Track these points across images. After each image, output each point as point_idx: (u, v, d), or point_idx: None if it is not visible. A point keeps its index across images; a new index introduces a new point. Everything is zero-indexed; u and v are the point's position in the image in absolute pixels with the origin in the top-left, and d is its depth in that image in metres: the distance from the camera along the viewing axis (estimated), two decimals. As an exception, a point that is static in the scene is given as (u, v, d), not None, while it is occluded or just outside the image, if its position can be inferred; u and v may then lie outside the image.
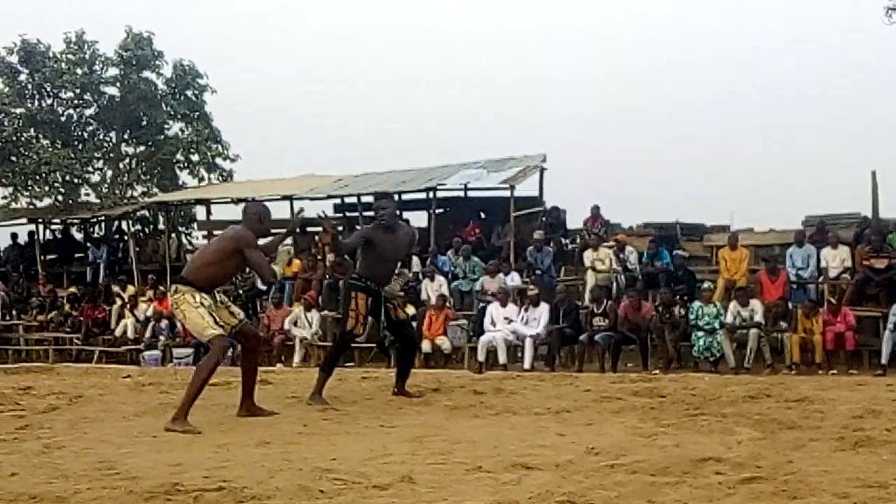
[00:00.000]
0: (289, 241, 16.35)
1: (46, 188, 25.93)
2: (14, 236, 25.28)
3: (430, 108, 43.76)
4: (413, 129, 38.85)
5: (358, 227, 19.80)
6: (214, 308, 7.34)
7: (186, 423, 6.93)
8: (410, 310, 14.89)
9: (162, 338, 18.27)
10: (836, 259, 15.73)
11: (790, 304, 14.90)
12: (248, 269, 7.64)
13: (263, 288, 18.34)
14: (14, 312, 21.67)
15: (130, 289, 20.43)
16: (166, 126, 27.70)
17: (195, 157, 27.41)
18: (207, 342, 7.28)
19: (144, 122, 27.41)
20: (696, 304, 14.72)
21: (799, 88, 36.29)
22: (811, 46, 38.63)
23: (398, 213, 8.87)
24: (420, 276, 17.56)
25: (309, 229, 18.95)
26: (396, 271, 9.91)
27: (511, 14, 48.46)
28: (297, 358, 16.53)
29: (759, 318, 14.26)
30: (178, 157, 27.55)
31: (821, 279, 15.73)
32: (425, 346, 15.64)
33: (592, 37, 45.69)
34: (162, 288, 19.85)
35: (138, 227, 25.45)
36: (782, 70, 38.32)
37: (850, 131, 34.09)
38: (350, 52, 46.81)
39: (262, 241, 7.85)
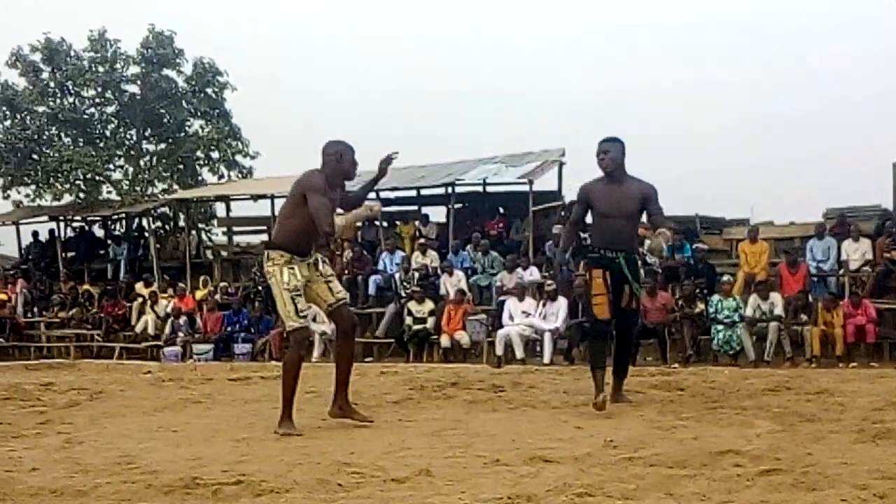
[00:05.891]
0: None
1: (68, 186, 26.05)
2: (36, 234, 25.46)
3: (447, 104, 43.77)
4: (430, 124, 38.88)
5: (377, 222, 19.96)
6: (311, 281, 6.75)
7: (291, 425, 6.59)
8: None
9: (181, 334, 18.40)
10: (856, 251, 15.62)
11: (810, 297, 14.81)
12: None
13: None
14: (36, 309, 21.86)
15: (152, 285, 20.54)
16: (187, 123, 27.73)
17: (215, 155, 27.45)
18: (288, 333, 6.74)
19: (165, 120, 27.48)
20: (716, 297, 14.67)
21: (818, 80, 36.05)
22: (830, 37, 38.37)
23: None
24: (438, 272, 17.59)
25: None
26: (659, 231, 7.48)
27: (523, 7, 48.36)
28: (315, 353, 16.54)
29: (779, 311, 14.19)
30: (199, 154, 27.55)
31: (841, 272, 15.64)
32: (444, 340, 15.72)
33: (607, 27, 45.58)
34: (182, 285, 20.00)
35: (159, 224, 25.54)
36: (802, 61, 38.05)
37: (871, 123, 33.85)
38: (367, 49, 46.90)
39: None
